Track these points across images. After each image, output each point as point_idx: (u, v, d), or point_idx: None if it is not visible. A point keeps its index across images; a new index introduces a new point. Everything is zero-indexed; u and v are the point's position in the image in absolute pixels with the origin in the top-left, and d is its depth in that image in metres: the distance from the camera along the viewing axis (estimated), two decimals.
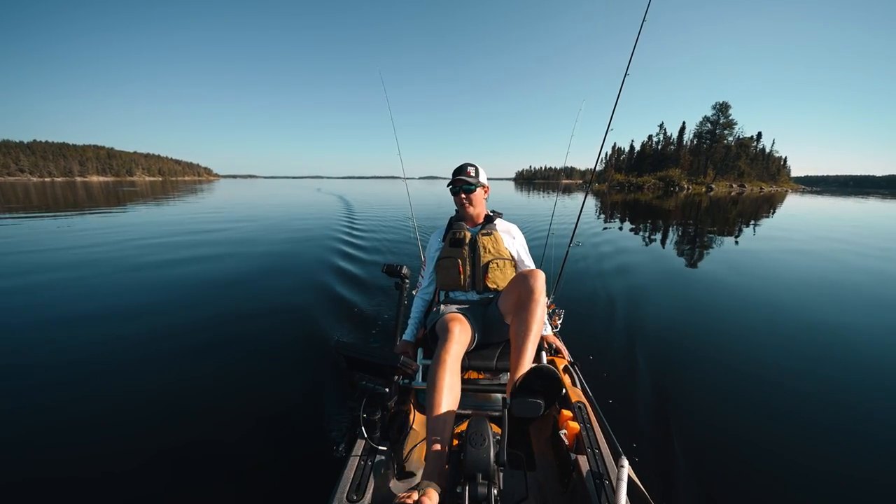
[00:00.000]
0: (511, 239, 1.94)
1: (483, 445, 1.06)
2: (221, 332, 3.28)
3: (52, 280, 4.79)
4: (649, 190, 53.40)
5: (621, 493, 0.99)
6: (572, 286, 4.50)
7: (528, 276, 1.48)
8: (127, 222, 10.76)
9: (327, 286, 4.56)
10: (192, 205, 17.79)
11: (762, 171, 79.60)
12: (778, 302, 4.26)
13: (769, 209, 19.71)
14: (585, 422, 1.46)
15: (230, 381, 2.55)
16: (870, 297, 4.49)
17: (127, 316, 3.61)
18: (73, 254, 6.34)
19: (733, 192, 52.06)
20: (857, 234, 10.23)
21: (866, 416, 2.26)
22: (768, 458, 1.92)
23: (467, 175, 1.87)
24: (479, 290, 1.84)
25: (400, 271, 1.70)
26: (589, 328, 3.44)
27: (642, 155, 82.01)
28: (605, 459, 1.28)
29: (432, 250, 2.01)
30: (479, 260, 1.81)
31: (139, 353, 2.88)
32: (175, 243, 7.37)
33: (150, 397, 2.35)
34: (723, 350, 3.08)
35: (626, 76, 2.42)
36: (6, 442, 1.98)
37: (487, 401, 1.68)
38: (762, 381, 2.61)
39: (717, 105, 66.66)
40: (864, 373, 2.73)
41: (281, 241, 7.83)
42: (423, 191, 35.80)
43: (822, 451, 1.98)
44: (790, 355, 2.98)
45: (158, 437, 2.02)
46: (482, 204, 1.98)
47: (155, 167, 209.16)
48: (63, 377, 2.57)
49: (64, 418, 2.16)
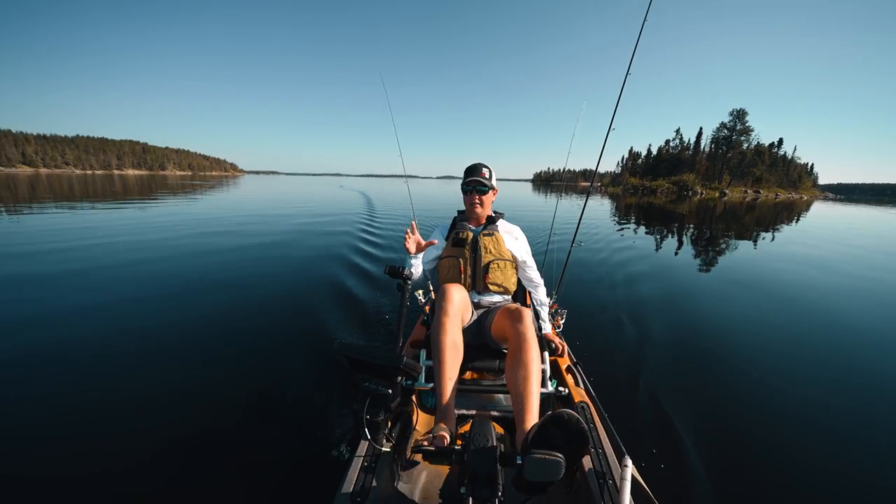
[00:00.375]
0: (513, 240, 1.93)
1: (486, 446, 1.06)
2: (224, 332, 3.29)
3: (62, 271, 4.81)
4: (662, 194, 53.21)
5: (625, 492, 0.98)
6: (576, 287, 4.54)
7: (517, 317, 1.44)
8: (161, 213, 11.27)
9: (330, 287, 4.57)
10: (226, 201, 18.20)
11: (782, 177, 78.61)
12: (781, 304, 4.37)
13: (781, 217, 19.96)
14: (589, 421, 1.45)
15: (233, 382, 2.56)
16: (874, 301, 4.61)
17: (127, 314, 3.59)
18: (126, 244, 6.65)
19: (748, 197, 52.02)
20: (862, 241, 10.47)
21: (871, 421, 2.27)
22: (771, 457, 1.92)
23: (482, 176, 1.85)
24: (480, 290, 1.84)
25: (402, 272, 1.68)
26: (591, 328, 3.46)
27: (658, 159, 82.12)
28: (609, 459, 1.27)
29: (435, 246, 1.98)
30: (479, 260, 1.81)
31: (143, 351, 2.90)
32: (185, 241, 7.32)
33: (154, 395, 2.37)
34: (726, 350, 3.11)
35: (628, 76, 2.46)
36: (9, 436, 2.01)
37: (490, 401, 1.68)
38: (765, 381, 2.63)
39: (734, 111, 67.44)
40: (869, 378, 2.76)
41: (293, 240, 7.76)
42: (441, 191, 35.51)
43: (823, 451, 1.98)
44: (794, 357, 3.00)
45: (163, 435, 2.03)
46: (490, 206, 1.97)
47: (185, 162, 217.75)
48: (66, 372, 2.59)
49: (66, 412, 2.18)
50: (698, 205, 27.97)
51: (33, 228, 8.17)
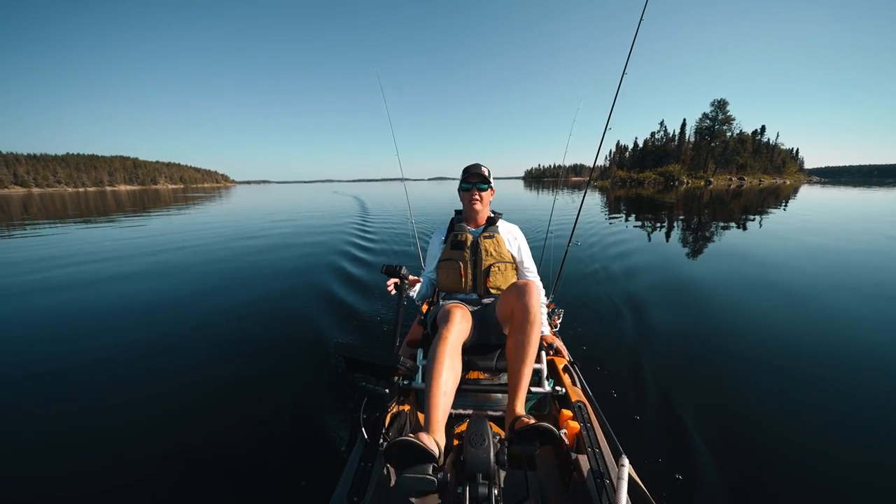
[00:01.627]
0: (513, 240, 1.90)
1: (483, 445, 1.04)
2: (221, 335, 3.28)
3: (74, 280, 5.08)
4: (650, 185, 53.48)
5: (622, 492, 0.98)
6: (571, 285, 4.45)
7: (524, 291, 1.43)
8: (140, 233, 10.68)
9: (326, 288, 4.57)
10: (218, 212, 18.30)
11: (766, 163, 79.48)
12: (779, 301, 4.17)
13: (767, 202, 20.10)
14: (585, 421, 1.45)
15: (230, 384, 2.56)
16: (869, 293, 4.32)
17: (127, 318, 3.65)
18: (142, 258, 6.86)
19: (732, 185, 52.76)
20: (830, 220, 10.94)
21: (874, 417, 2.20)
22: (769, 456, 1.90)
23: (481, 173, 1.84)
24: (480, 294, 1.81)
25: (399, 272, 1.67)
26: (588, 327, 3.40)
27: (644, 151, 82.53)
28: (606, 458, 1.27)
29: (433, 249, 1.98)
30: (480, 263, 1.78)
31: (141, 355, 2.91)
32: (183, 245, 7.51)
33: (151, 399, 2.37)
34: (723, 348, 3.05)
35: (624, 75, 2.43)
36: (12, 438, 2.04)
37: (487, 401, 1.66)
38: (762, 380, 2.58)
39: (715, 102, 68.08)
40: (871, 374, 2.64)
41: (287, 245, 7.81)
42: (433, 192, 35.53)
43: (823, 449, 1.95)
44: (791, 355, 2.93)
45: (160, 438, 2.03)
46: (488, 205, 1.94)
47: (177, 175, 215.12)
48: (67, 375, 2.62)
49: (70, 417, 2.20)
50: (685, 194, 28.20)
51: (28, 248, 8.14)
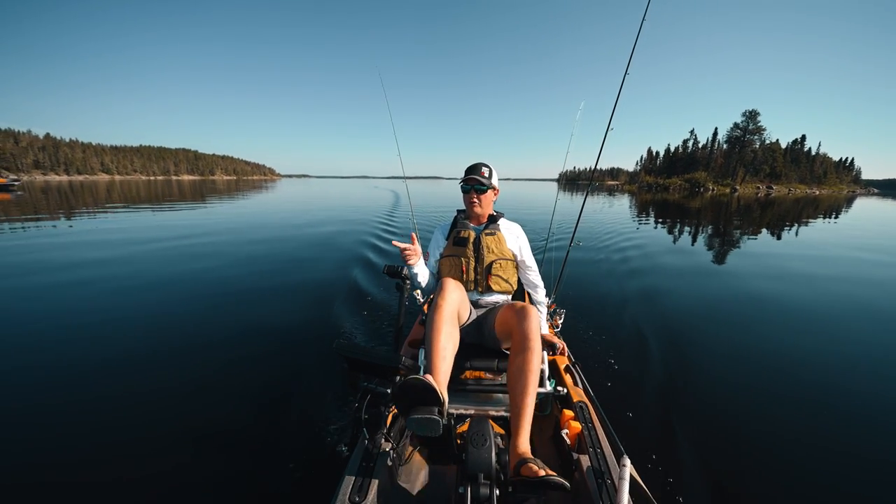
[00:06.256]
0: (514, 238, 1.86)
1: (484, 446, 1.02)
2: (221, 335, 3.20)
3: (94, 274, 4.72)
4: (675, 191, 52.06)
5: (623, 491, 0.96)
6: (573, 286, 4.30)
7: (524, 316, 1.39)
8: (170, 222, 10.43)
9: (328, 287, 4.45)
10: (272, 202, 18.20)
11: (805, 172, 75.36)
12: (780, 303, 4.07)
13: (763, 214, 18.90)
14: (587, 421, 1.41)
15: (231, 383, 2.50)
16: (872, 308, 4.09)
17: (128, 319, 3.49)
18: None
19: (760, 193, 51.36)
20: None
21: (875, 425, 2.12)
22: (770, 457, 1.86)
23: (481, 175, 1.79)
24: (482, 291, 1.78)
25: (401, 272, 1.58)
26: (590, 327, 3.30)
27: (675, 158, 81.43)
28: (607, 458, 1.24)
29: (436, 244, 1.93)
30: (482, 260, 1.75)
31: (144, 354, 2.84)
32: (186, 244, 6.91)
33: (152, 397, 2.31)
34: (724, 350, 3.00)
35: (626, 75, 2.38)
36: (14, 433, 1.98)
37: (489, 400, 1.61)
38: (763, 381, 2.53)
39: (746, 112, 69.61)
40: (872, 381, 2.55)
41: (295, 243, 7.40)
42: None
43: (823, 452, 1.91)
44: (795, 356, 2.87)
45: (161, 436, 1.98)
46: (490, 205, 1.90)
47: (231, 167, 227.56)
48: (69, 375, 2.53)
49: (71, 415, 2.13)
50: (710, 200, 27.00)
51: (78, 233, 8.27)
